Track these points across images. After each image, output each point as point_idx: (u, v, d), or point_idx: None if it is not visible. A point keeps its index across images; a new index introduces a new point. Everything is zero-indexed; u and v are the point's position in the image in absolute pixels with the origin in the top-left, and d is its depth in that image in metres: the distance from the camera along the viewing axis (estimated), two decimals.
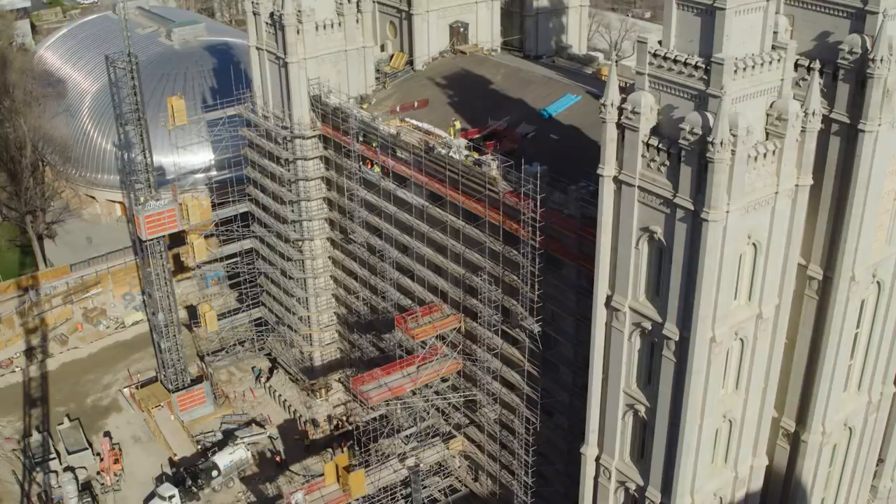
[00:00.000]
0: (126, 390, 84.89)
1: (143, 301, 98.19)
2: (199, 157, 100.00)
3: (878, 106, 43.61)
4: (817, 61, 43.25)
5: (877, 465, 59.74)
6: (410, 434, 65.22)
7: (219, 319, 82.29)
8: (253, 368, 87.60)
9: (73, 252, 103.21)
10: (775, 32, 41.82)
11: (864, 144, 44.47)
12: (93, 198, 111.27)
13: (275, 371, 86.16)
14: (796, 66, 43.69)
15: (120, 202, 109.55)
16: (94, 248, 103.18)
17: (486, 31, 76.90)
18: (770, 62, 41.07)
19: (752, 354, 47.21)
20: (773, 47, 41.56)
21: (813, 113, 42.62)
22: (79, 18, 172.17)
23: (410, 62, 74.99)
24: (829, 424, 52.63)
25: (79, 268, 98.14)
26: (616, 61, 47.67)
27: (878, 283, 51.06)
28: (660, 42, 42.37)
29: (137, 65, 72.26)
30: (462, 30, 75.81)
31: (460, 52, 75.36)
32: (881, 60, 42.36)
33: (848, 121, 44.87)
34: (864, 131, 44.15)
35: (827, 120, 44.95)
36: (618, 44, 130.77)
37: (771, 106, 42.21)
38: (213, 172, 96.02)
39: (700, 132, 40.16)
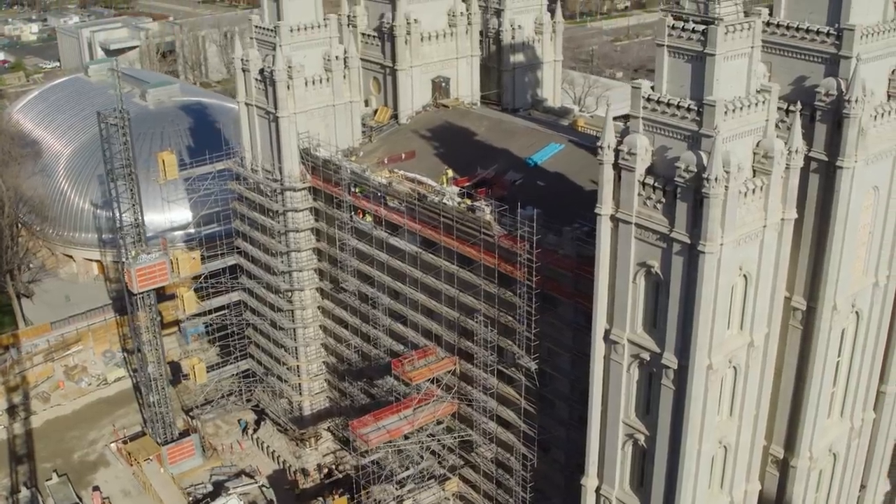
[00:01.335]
0: (113, 445, 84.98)
1: (124, 358, 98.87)
2: (179, 214, 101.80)
3: (854, 144, 46.84)
4: (798, 103, 46.38)
5: (859, 490, 62.13)
6: (408, 476, 66.34)
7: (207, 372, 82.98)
8: (239, 421, 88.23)
9: (51, 310, 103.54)
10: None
11: (843, 180, 47.59)
12: (70, 256, 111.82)
13: (262, 423, 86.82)
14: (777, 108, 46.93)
15: (97, 260, 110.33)
16: (72, 307, 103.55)
17: (467, 86, 79.93)
18: (756, 104, 44.17)
19: (744, 382, 49.60)
20: (758, 90, 44.76)
21: (796, 151, 45.76)
22: (43, 82, 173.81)
23: (395, 116, 77.62)
24: (816, 450, 55.04)
25: (59, 325, 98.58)
26: (607, 110, 50.32)
27: (856, 312, 53.99)
28: (652, 87, 45.31)
29: (129, 121, 73.81)
30: (444, 84, 78.69)
31: (443, 106, 78.18)
32: (856, 101, 45.66)
33: (826, 158, 48.03)
34: (842, 167, 47.29)
35: (806, 158, 48.00)
36: (582, 99, 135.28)
37: (757, 145, 45.20)
38: (192, 230, 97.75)
39: (695, 170, 42.97)
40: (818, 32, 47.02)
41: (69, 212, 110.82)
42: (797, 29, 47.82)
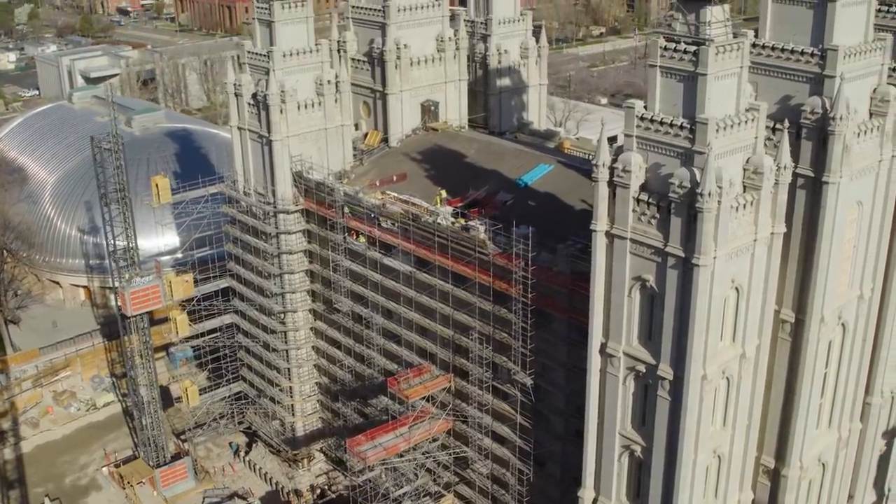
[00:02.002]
0: (105, 469, 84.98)
1: (113, 383, 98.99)
2: (166, 239, 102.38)
3: (839, 160, 48.55)
4: (786, 121, 48.07)
5: (847, 500, 63.46)
6: (403, 494, 66.98)
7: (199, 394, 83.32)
8: (230, 444, 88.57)
9: (38, 336, 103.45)
10: None
11: (829, 195, 49.24)
12: (56, 283, 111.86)
13: (253, 445, 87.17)
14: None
15: (84, 286, 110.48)
16: (59, 332, 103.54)
17: (455, 109, 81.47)
18: (746, 122, 45.86)
19: (737, 392, 50.99)
20: (747, 109, 46.43)
21: (784, 166, 47.42)
22: (23, 110, 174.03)
23: (385, 139, 78.94)
24: (806, 460, 56.37)
25: (47, 351, 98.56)
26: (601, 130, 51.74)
27: (842, 324, 55.56)
28: (645, 106, 46.88)
29: (123, 145, 74.57)
30: (433, 108, 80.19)
31: (432, 129, 79.59)
32: (841, 118, 47.42)
33: (812, 174, 49.70)
34: (827, 183, 48.98)
35: (793, 174, 49.56)
36: (563, 123, 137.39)
37: (747, 161, 46.83)
38: (179, 255, 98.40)
39: (688, 185, 44.48)
40: (803, 53, 48.82)
41: (56, 238, 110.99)
42: (782, 50, 49.59)
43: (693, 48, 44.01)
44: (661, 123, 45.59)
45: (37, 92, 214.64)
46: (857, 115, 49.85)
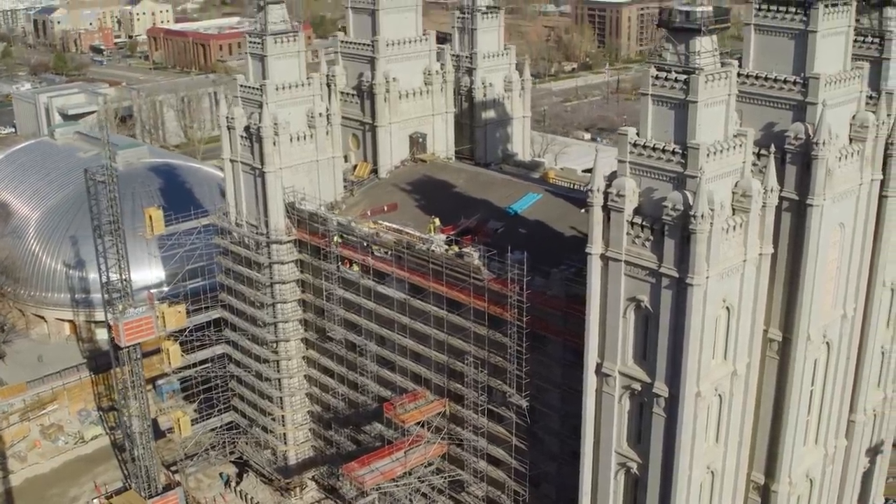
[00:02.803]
0: (96, 501, 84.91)
1: (100, 416, 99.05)
2: (152, 272, 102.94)
3: (823, 183, 50.67)
4: (772, 146, 50.20)
5: None
6: None
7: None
8: (221, 474, 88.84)
9: (24, 371, 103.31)
10: None
11: (813, 217, 51.33)
12: (41, 317, 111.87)
13: (244, 475, 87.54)
14: None
15: (70, 320, 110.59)
16: (45, 367, 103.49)
17: (442, 141, 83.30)
18: (734, 147, 47.93)
19: (728, 409, 52.63)
20: (735, 135, 48.52)
21: (771, 189, 49.48)
22: (1, 148, 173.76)
23: (375, 171, 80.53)
24: (795, 476, 58.04)
25: (34, 385, 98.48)
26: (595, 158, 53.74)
27: (827, 343, 57.52)
28: (637, 133, 48.82)
29: (117, 178, 75.51)
30: (421, 140, 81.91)
31: (420, 161, 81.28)
32: (823, 143, 49.62)
33: (797, 197, 51.80)
34: (812, 205, 51.07)
35: (778, 198, 51.72)
36: (541, 155, 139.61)
37: (736, 185, 48.84)
38: (165, 288, 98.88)
39: (681, 208, 46.37)
40: (786, 81, 51.12)
41: (41, 273, 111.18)
42: (766, 78, 51.88)
43: (684, 77, 46.07)
44: (654, 149, 47.50)
45: (13, 129, 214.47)
46: (839, 141, 52.16)
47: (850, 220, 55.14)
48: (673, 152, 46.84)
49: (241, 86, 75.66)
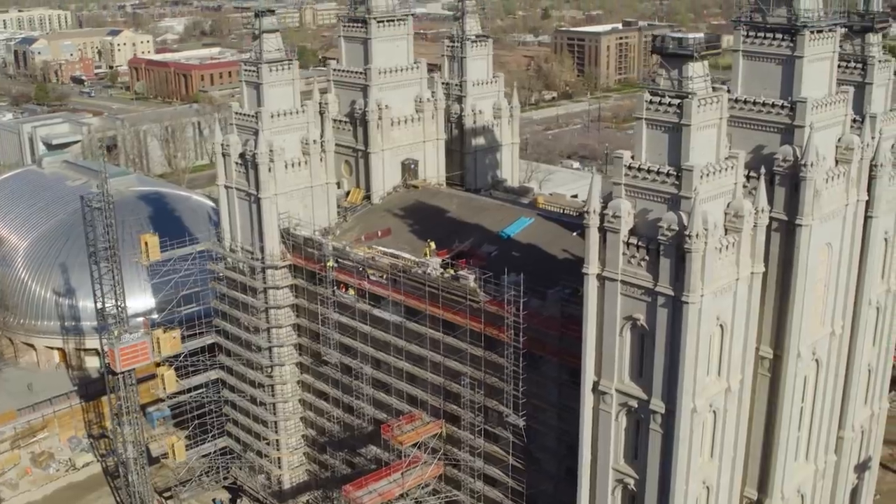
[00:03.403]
0: None
1: (91, 443, 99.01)
2: (143, 300, 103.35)
3: (811, 204, 52.29)
4: (762, 168, 51.79)
5: None
6: None
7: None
8: (214, 500, 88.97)
9: (13, 399, 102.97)
10: None
11: (802, 236, 52.90)
12: (30, 345, 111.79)
13: (238, 500, 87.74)
14: None
15: (59, 348, 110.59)
16: (34, 395, 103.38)
17: (434, 167, 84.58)
18: (726, 169, 49.45)
19: (723, 425, 53.81)
20: (727, 157, 50.07)
21: (762, 210, 51.00)
22: None
23: (368, 197, 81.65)
24: (787, 491, 59.23)
25: (25, 412, 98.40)
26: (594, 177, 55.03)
27: (816, 360, 58.94)
28: (632, 156, 50.27)
29: (113, 205, 76.24)
30: (413, 166, 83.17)
31: (412, 187, 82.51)
32: (811, 165, 51.27)
33: (786, 218, 53.38)
34: (801, 225, 52.65)
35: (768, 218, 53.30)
36: (526, 182, 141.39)
37: (728, 206, 50.33)
38: (155, 316, 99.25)
39: (676, 228, 47.76)
40: (773, 105, 52.83)
41: (30, 301, 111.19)
42: (754, 103, 53.58)
43: (677, 101, 47.61)
44: (649, 171, 48.94)
45: None
46: (825, 163, 53.81)
47: (836, 240, 56.76)
48: (667, 174, 48.28)
49: (237, 113, 76.76)
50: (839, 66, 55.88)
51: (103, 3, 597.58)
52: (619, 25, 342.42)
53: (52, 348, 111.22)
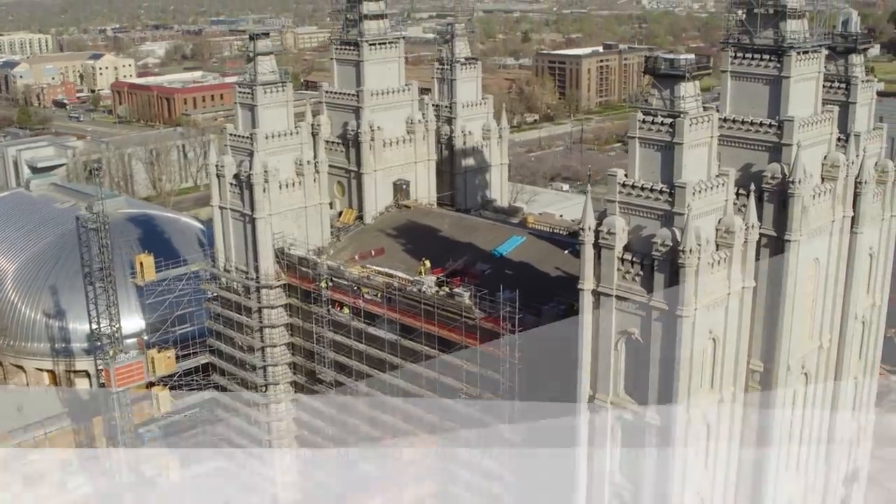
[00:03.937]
0: None
1: (82, 465, 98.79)
2: (136, 321, 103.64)
3: (799, 219, 53.75)
4: (751, 185, 53.25)
5: None
6: None
7: None
8: None
9: (3, 421, 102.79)
10: None
11: (790, 252, 54.33)
12: (20, 367, 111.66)
13: None
14: None
15: (49, 370, 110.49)
16: (24, 417, 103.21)
17: (425, 188, 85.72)
18: (717, 186, 50.87)
19: (716, 436, 54.96)
20: (717, 175, 51.51)
21: (752, 226, 52.39)
22: None
23: (360, 217, 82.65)
24: (779, 501, 60.36)
25: (16, 434, 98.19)
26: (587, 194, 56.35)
27: (805, 374, 60.27)
28: (626, 174, 51.61)
29: (108, 225, 76.93)
30: (404, 186, 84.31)
31: (404, 207, 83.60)
32: (799, 182, 52.76)
33: (775, 233, 54.81)
34: (789, 241, 54.08)
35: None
36: (511, 203, 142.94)
37: (719, 222, 51.73)
38: (146, 337, 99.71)
39: (670, 244, 49.10)
40: (761, 124, 54.36)
41: (19, 323, 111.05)
42: (742, 122, 55.10)
43: (669, 120, 49.04)
44: (642, 189, 50.31)
45: None
46: (812, 180, 55.30)
47: (823, 256, 58.25)
48: (661, 191, 49.65)
49: (231, 134, 77.72)
50: (824, 86, 57.50)
51: (84, 27, 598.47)
52: (600, 48, 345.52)
53: (41, 370, 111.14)
